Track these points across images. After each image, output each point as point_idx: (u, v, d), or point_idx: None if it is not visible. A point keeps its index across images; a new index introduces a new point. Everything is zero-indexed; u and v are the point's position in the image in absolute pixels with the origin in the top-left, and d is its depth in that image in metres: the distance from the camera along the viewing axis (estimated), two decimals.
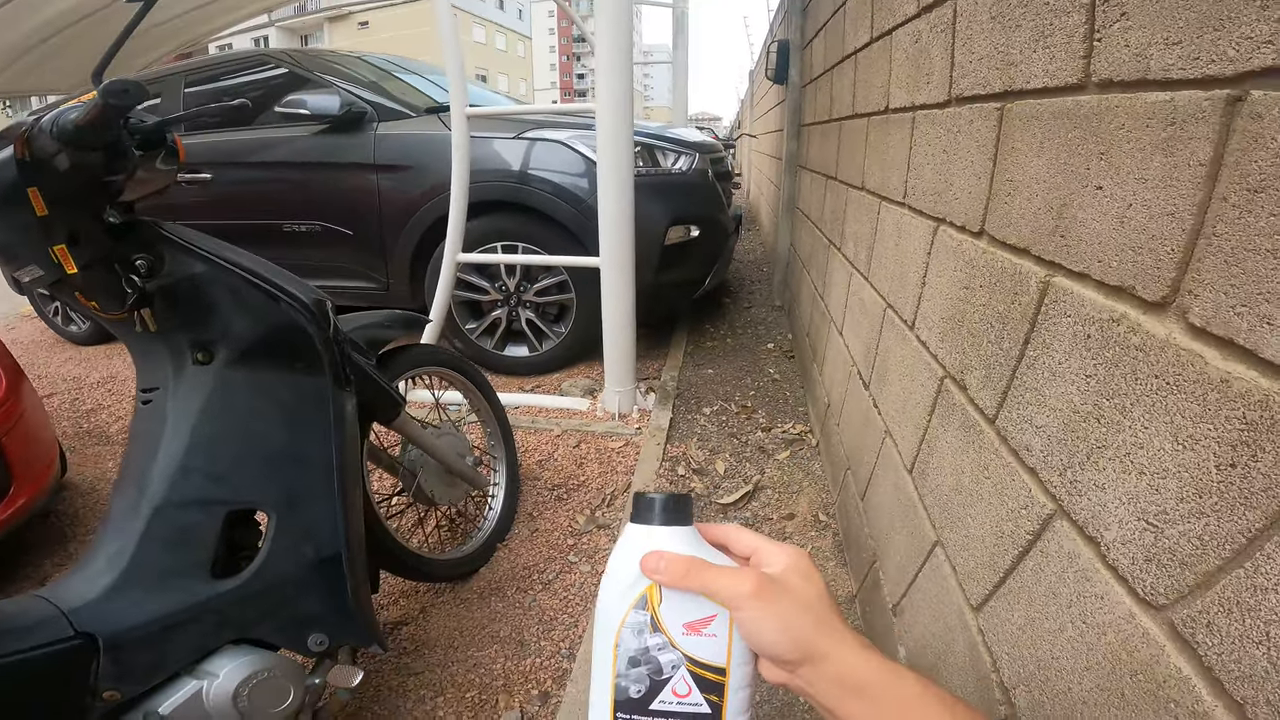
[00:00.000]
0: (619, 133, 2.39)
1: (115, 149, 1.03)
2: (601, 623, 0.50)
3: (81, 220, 1.02)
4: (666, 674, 0.48)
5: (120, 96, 0.92)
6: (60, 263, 0.99)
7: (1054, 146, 0.82)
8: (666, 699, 0.48)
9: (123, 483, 1.17)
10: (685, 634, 0.48)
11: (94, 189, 1.03)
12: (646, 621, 0.49)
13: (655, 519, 0.51)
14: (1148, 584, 0.60)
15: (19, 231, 1.00)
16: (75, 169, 0.99)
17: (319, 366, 1.25)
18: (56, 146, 0.96)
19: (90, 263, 1.02)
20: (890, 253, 1.58)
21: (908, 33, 1.48)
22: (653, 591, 0.49)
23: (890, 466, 1.46)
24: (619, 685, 0.49)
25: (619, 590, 0.50)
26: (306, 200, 3.41)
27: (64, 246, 0.99)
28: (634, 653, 0.48)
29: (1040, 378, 0.82)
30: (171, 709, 1.04)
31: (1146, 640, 0.59)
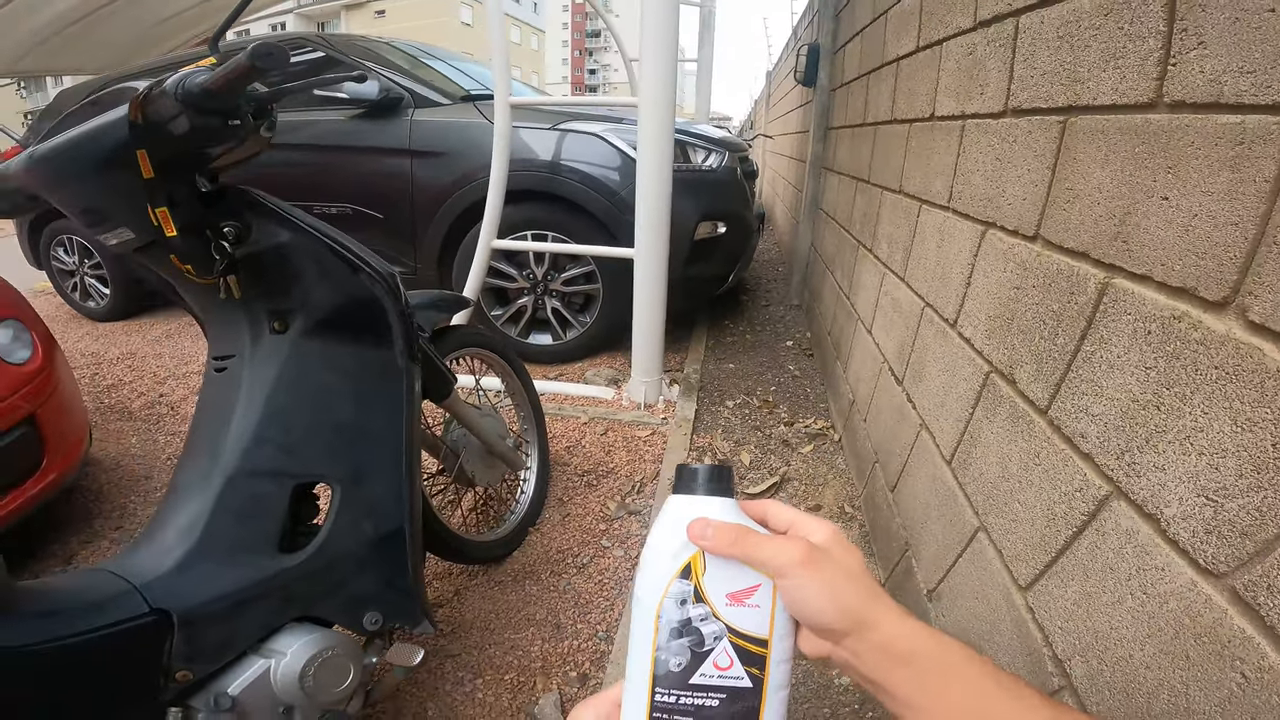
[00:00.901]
0: (661, 128, 2.44)
1: (232, 114, 1.03)
2: (643, 593, 0.49)
3: (179, 185, 1.03)
4: (708, 646, 0.47)
5: (266, 59, 0.91)
6: (160, 225, 1.00)
7: (1119, 159, 0.88)
8: (707, 672, 0.47)
9: (192, 451, 1.16)
10: (729, 604, 0.48)
11: (195, 155, 1.04)
12: (689, 591, 0.48)
13: (699, 489, 0.51)
14: (1208, 554, 0.66)
15: (118, 194, 1.01)
16: (191, 133, 0.99)
17: (388, 340, 1.26)
18: (178, 109, 0.96)
19: (183, 228, 1.03)
20: (931, 254, 1.64)
21: (960, 45, 1.53)
22: (696, 561, 0.48)
23: (926, 458, 1.53)
24: (659, 659, 0.47)
25: (662, 560, 0.49)
26: (339, 183, 3.46)
27: (166, 209, 1.00)
28: (676, 624, 0.48)
29: (1097, 370, 0.89)
30: (240, 689, 1.02)
31: (1209, 606, 0.66)
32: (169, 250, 1.05)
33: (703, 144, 3.29)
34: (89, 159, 1.00)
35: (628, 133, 3.07)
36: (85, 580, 0.99)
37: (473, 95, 3.54)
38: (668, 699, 0.47)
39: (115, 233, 1.05)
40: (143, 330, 4.30)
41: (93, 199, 1.04)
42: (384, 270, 1.27)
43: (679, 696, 0.47)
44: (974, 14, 1.45)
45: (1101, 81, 0.94)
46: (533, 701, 1.51)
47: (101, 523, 2.21)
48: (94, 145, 0.99)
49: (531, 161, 3.13)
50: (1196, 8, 0.76)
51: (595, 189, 3.09)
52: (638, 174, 2.54)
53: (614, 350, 3.51)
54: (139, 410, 3.06)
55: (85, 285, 4.49)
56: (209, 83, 0.94)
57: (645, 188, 2.54)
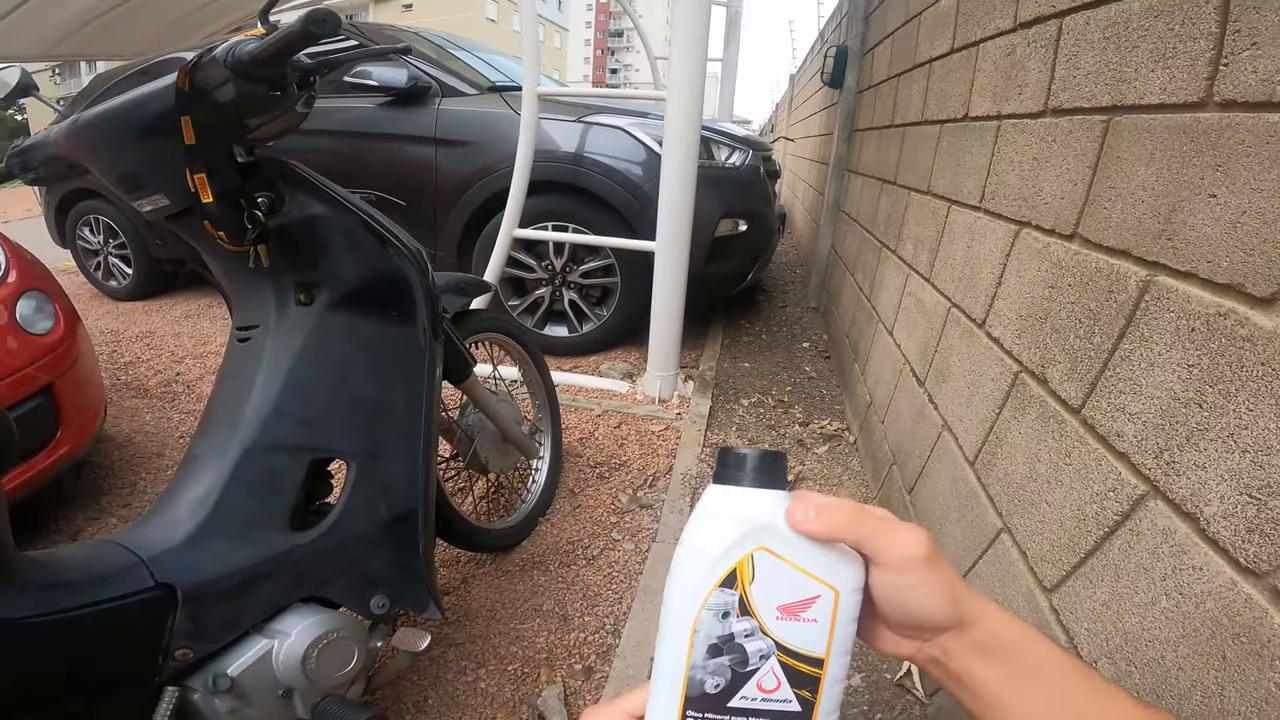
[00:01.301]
0: (688, 122, 2.44)
1: (276, 84, 1.03)
2: (676, 603, 0.42)
3: (218, 153, 1.04)
4: (752, 665, 0.41)
5: (320, 25, 0.91)
6: (197, 191, 1.01)
7: (1165, 157, 0.87)
8: (749, 694, 0.41)
9: (210, 421, 1.15)
10: (780, 618, 0.41)
11: (235, 124, 1.05)
12: (734, 602, 0.41)
13: (746, 479, 0.42)
14: (1250, 553, 0.65)
15: (158, 159, 1.02)
16: (236, 100, 0.99)
17: (412, 317, 1.25)
18: (225, 76, 0.97)
19: (218, 195, 1.03)
20: (960, 255, 1.63)
21: (999, 45, 1.52)
22: (744, 567, 0.41)
23: (948, 459, 1.51)
24: (693, 678, 0.41)
25: (701, 564, 0.41)
26: (364, 168, 3.47)
27: (204, 176, 1.00)
28: (716, 639, 0.41)
29: (1136, 369, 0.88)
30: (240, 670, 1.00)
31: (1249, 605, 0.64)
32: (203, 216, 1.05)
33: (727, 141, 3.29)
34: (133, 125, 1.01)
35: (652, 127, 3.07)
36: (92, 552, 0.97)
37: (499, 86, 3.55)
38: None
39: (150, 199, 1.06)
40: (162, 310, 4.33)
41: (132, 164, 1.05)
42: (412, 247, 1.26)
43: None
44: (1014, 16, 1.44)
45: (1149, 81, 0.93)
46: (536, 693, 1.49)
47: (110, 499, 2.20)
48: (139, 111, 1.01)
49: (555, 153, 3.13)
50: (1250, 10, 0.75)
51: (618, 182, 3.09)
52: (662, 167, 2.54)
53: (629, 345, 3.50)
54: (155, 388, 3.08)
55: (109, 264, 4.55)
56: (259, 49, 0.95)
57: (669, 182, 2.53)
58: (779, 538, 0.41)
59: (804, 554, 0.41)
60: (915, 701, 1.43)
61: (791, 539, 0.41)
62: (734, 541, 0.41)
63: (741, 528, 0.41)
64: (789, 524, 0.40)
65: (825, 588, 0.41)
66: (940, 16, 2.06)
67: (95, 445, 2.20)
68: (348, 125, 3.47)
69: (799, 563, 0.41)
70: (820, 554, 0.41)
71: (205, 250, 1.18)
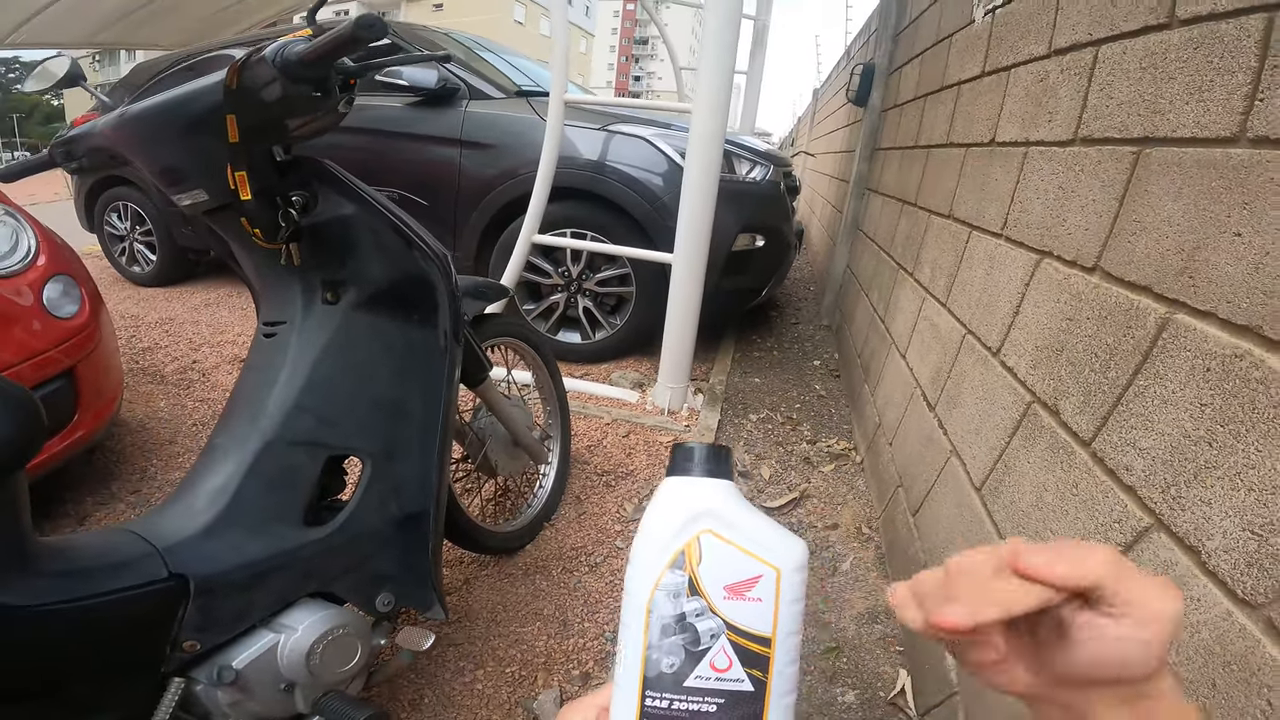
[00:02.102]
0: (711, 136, 2.45)
1: (321, 86, 1.06)
2: (633, 585, 0.44)
3: (258, 152, 1.06)
4: (704, 644, 0.42)
5: (369, 30, 0.93)
6: (237, 188, 1.03)
7: (1193, 193, 0.88)
8: (704, 674, 0.42)
9: (232, 413, 1.16)
10: (727, 597, 0.43)
11: (277, 124, 1.07)
12: (684, 583, 0.43)
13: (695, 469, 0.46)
14: (1248, 585, 0.67)
15: (200, 155, 1.04)
16: (281, 100, 1.02)
17: (434, 319, 1.26)
18: (273, 75, 0.99)
19: (256, 193, 1.05)
20: (978, 281, 1.63)
21: (1031, 71, 1.52)
22: (691, 548, 0.43)
23: (954, 485, 1.51)
24: (650, 658, 0.42)
25: (653, 547, 0.44)
26: (388, 167, 3.50)
27: (245, 174, 1.02)
28: (668, 620, 0.42)
29: (1149, 405, 0.88)
30: (245, 663, 1.00)
31: (1243, 635, 0.66)
32: (241, 213, 1.07)
33: (749, 156, 3.30)
34: (179, 120, 1.04)
35: (675, 138, 3.08)
36: (108, 540, 0.98)
37: (525, 91, 3.57)
38: (659, 704, 0.42)
39: (190, 193, 1.08)
40: (182, 298, 4.37)
41: (176, 159, 1.07)
42: (438, 250, 1.28)
43: (671, 701, 0.42)
44: (1049, 42, 1.45)
45: (1183, 114, 0.94)
46: (532, 696, 1.50)
47: (119, 485, 2.20)
48: (186, 107, 1.03)
49: (577, 160, 3.15)
50: None
51: (638, 192, 3.10)
52: (684, 180, 2.55)
53: (640, 355, 3.51)
54: (171, 375, 3.10)
55: (134, 250, 4.62)
56: (307, 51, 0.97)
57: (690, 194, 2.54)
58: (723, 521, 0.44)
59: (746, 536, 0.44)
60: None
61: (735, 522, 0.44)
62: (682, 525, 0.44)
63: (689, 512, 0.44)
64: (1028, 571, 0.37)
65: (767, 567, 0.43)
66: (972, 39, 2.07)
67: (110, 430, 2.21)
68: (375, 123, 3.49)
69: (741, 544, 0.44)
70: (762, 535, 0.44)
71: (237, 245, 1.20)
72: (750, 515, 0.45)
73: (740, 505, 0.45)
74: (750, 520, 0.45)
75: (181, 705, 0.95)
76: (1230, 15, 0.86)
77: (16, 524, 0.82)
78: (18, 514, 0.82)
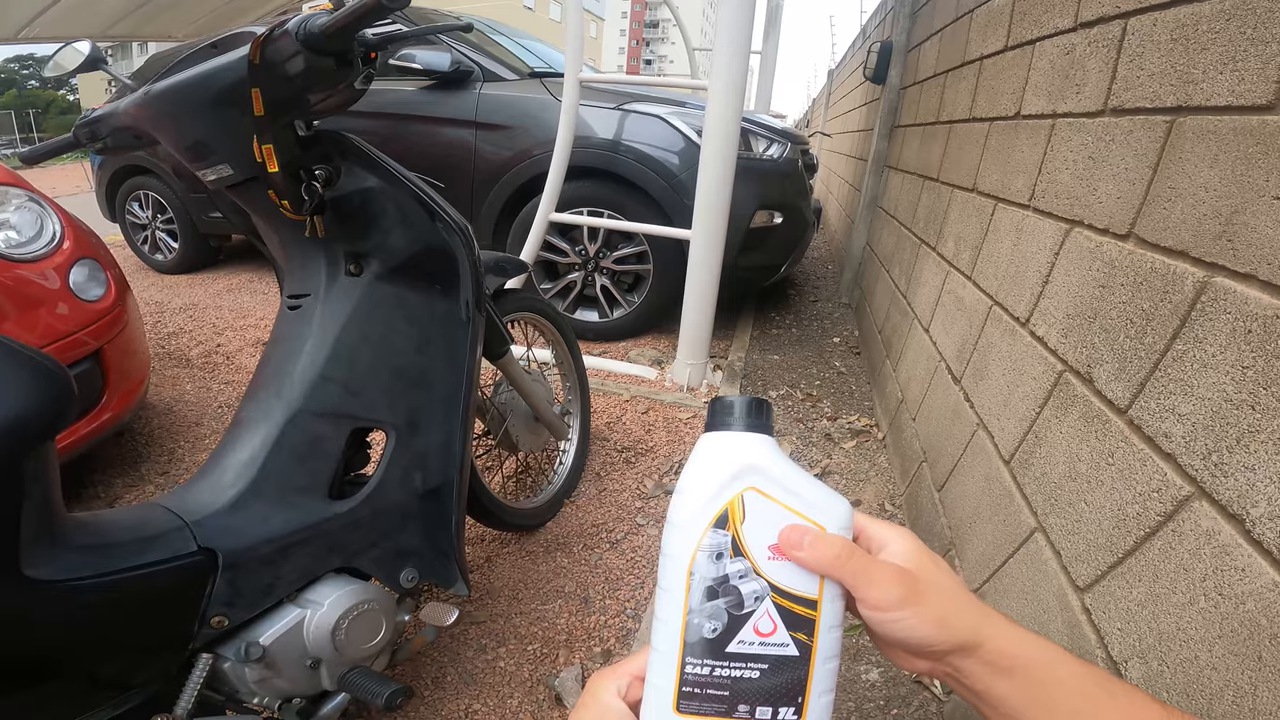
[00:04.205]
0: (728, 112, 2.43)
1: (343, 59, 1.05)
2: (672, 546, 0.42)
3: (282, 126, 1.06)
4: (748, 608, 0.40)
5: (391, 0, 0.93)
6: (264, 161, 1.03)
7: (1230, 159, 0.87)
8: (747, 639, 0.40)
9: (258, 387, 1.16)
10: (772, 558, 0.41)
11: (300, 98, 1.07)
12: (727, 543, 0.41)
13: (735, 423, 0.43)
14: None
15: (226, 130, 1.05)
16: (304, 73, 1.02)
17: (456, 290, 1.27)
18: (296, 49, 0.99)
19: (281, 166, 1.05)
20: (1005, 253, 1.62)
21: (1057, 45, 1.51)
22: (735, 506, 0.41)
23: (981, 458, 1.50)
24: (690, 623, 0.40)
25: (694, 505, 0.42)
26: (404, 150, 3.49)
27: (270, 146, 1.03)
28: (711, 581, 0.41)
29: (1188, 370, 0.87)
30: (272, 639, 1.00)
31: None
32: (268, 185, 1.08)
33: (765, 133, 3.28)
34: (204, 96, 1.05)
35: (690, 116, 3.07)
36: (137, 515, 0.98)
37: (539, 72, 3.57)
38: (700, 670, 0.40)
39: (215, 168, 1.09)
40: (205, 284, 4.43)
41: (201, 134, 1.08)
42: (459, 222, 1.28)
43: (713, 668, 0.40)
44: (1075, 15, 1.43)
45: (1217, 83, 0.93)
46: (554, 673, 1.50)
47: (148, 466, 2.23)
48: (211, 83, 1.04)
49: (593, 139, 3.15)
50: None
51: (655, 170, 3.09)
52: (701, 157, 2.54)
53: (658, 332, 3.52)
54: (196, 358, 3.14)
55: (155, 238, 4.68)
56: (330, 22, 0.97)
57: (707, 171, 2.53)
58: (767, 477, 0.42)
59: (792, 493, 0.42)
60: (933, 698, 1.43)
61: (779, 478, 0.43)
62: (725, 482, 0.42)
63: (731, 468, 0.42)
64: (781, 543, 0.41)
65: (813, 526, 0.42)
66: (994, 14, 2.04)
67: (137, 412, 2.23)
68: (390, 107, 3.50)
69: (787, 502, 0.42)
70: (808, 492, 0.43)
71: (262, 219, 1.20)
72: (794, 472, 0.43)
73: (783, 461, 0.43)
74: (795, 476, 0.43)
75: (208, 683, 0.95)
76: None
77: (46, 497, 0.82)
78: (48, 487, 0.82)
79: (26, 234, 1.88)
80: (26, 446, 0.77)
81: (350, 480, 1.21)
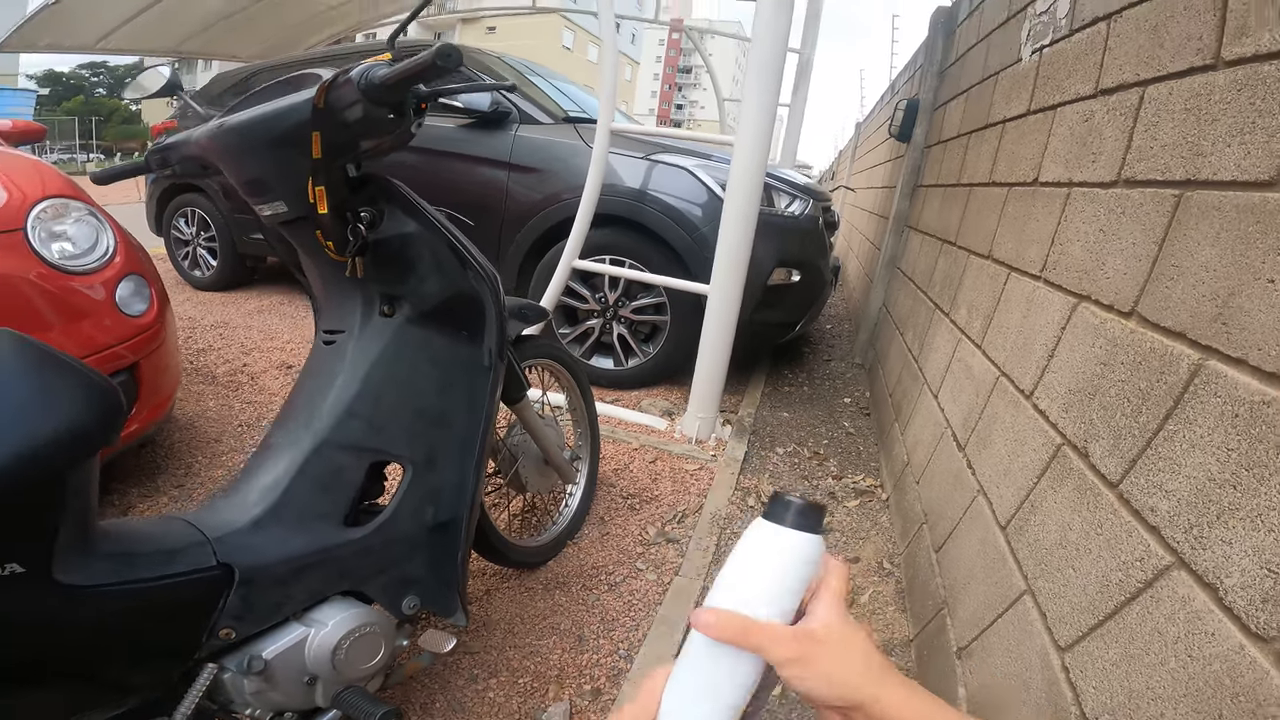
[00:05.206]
0: (753, 170, 2.49)
1: (398, 109, 1.10)
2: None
3: (335, 169, 1.12)
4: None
5: (447, 60, 0.97)
6: (316, 202, 1.08)
7: (1230, 238, 0.90)
8: None
9: (289, 416, 1.22)
10: None
11: (354, 142, 1.12)
12: None
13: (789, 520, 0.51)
14: (1261, 620, 0.69)
15: (285, 169, 1.11)
16: (361, 120, 1.06)
17: (480, 337, 1.31)
18: (356, 97, 1.04)
19: (331, 208, 1.10)
20: (1014, 324, 1.64)
21: (1077, 111, 1.54)
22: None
23: (979, 523, 1.52)
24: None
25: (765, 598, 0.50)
26: (437, 186, 3.57)
27: (324, 189, 1.08)
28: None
29: (1177, 449, 0.90)
30: (274, 654, 1.04)
31: (1253, 667, 0.68)
32: (316, 226, 1.13)
33: (788, 189, 3.32)
34: (270, 135, 1.11)
35: (716, 169, 3.13)
36: (161, 527, 1.02)
37: (572, 117, 3.66)
38: None
39: (271, 204, 1.15)
40: (238, 303, 4.54)
41: (262, 171, 1.14)
42: (490, 271, 1.33)
43: None
44: (1096, 81, 1.46)
45: (1224, 156, 0.95)
46: (542, 708, 1.51)
47: (165, 479, 2.25)
48: (277, 123, 1.10)
49: (619, 187, 3.20)
50: None
51: (677, 222, 3.14)
52: (724, 212, 2.59)
53: (670, 383, 3.54)
54: (222, 376, 3.19)
55: (196, 255, 4.83)
56: (390, 75, 1.01)
57: (729, 227, 2.58)
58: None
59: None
60: None
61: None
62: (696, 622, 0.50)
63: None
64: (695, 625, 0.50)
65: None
66: (1019, 76, 2.08)
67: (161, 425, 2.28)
68: (429, 142, 3.59)
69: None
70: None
71: (306, 255, 1.26)
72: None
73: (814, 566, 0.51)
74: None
75: (206, 692, 0.98)
76: (1273, 57, 0.88)
77: (85, 508, 0.85)
78: (87, 498, 0.86)
79: (82, 246, 1.93)
80: (75, 461, 0.80)
81: (364, 509, 1.25)
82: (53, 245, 1.86)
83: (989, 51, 2.59)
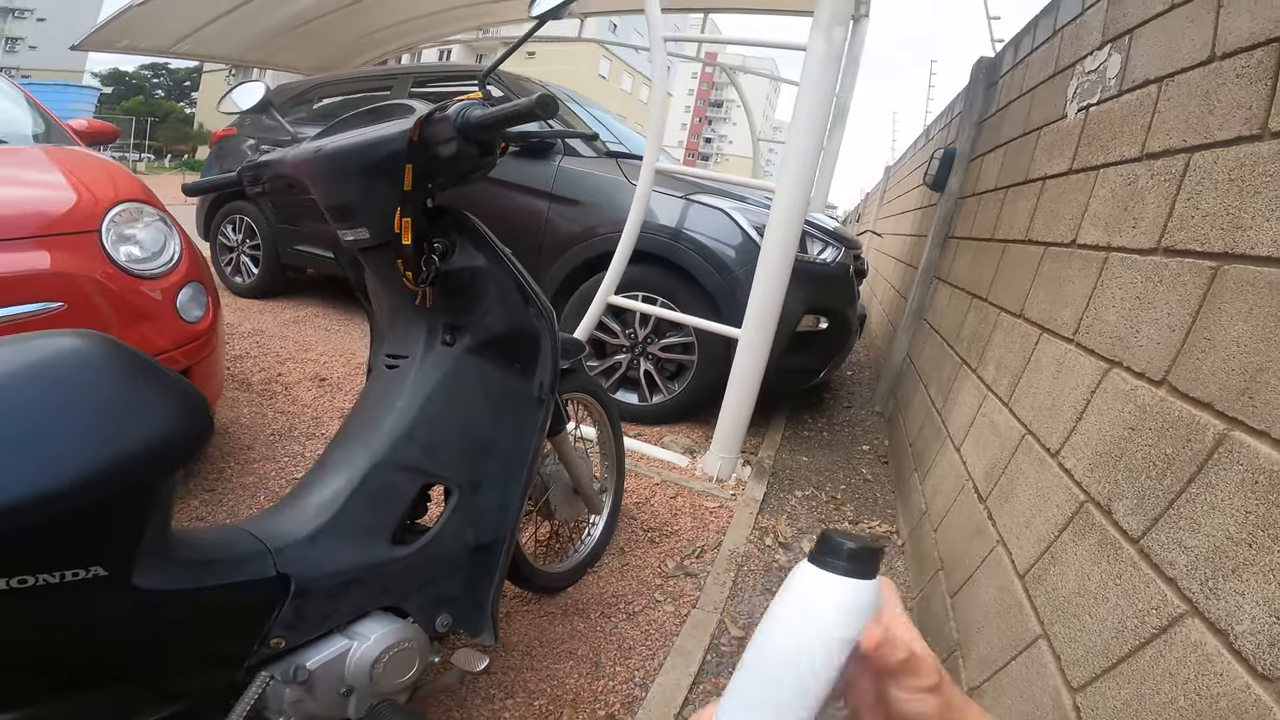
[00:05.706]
0: (792, 216, 2.54)
1: (486, 148, 1.14)
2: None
3: (419, 201, 1.17)
4: None
5: (544, 109, 1.01)
6: (401, 232, 1.12)
7: (1262, 315, 0.95)
8: None
9: (349, 435, 1.26)
10: None
11: (437, 176, 1.16)
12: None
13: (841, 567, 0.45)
14: (1268, 662, 0.75)
15: (374, 198, 1.15)
16: (453, 158, 1.11)
17: (533, 371, 1.36)
18: (451, 134, 1.08)
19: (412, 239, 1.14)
20: (1044, 384, 1.68)
21: (1121, 174, 1.55)
22: None
23: (998, 571, 1.56)
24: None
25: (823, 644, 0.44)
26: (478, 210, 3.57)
27: (409, 220, 1.11)
28: None
29: (1198, 510, 0.95)
30: (318, 665, 1.06)
31: (1257, 704, 0.75)
32: (398, 255, 1.17)
33: (821, 236, 3.35)
34: (363, 163, 1.15)
35: (751, 212, 3.17)
36: (226, 536, 1.05)
37: (614, 153, 3.72)
38: None
39: (355, 230, 1.19)
40: (275, 312, 4.60)
41: (352, 197, 1.19)
42: (548, 309, 1.37)
43: None
44: (1143, 145, 1.47)
45: (1263, 230, 0.99)
46: None
47: (195, 482, 2.28)
48: (371, 152, 1.14)
49: (654, 225, 3.22)
50: None
51: (711, 262, 3.17)
52: (760, 257, 2.63)
53: (692, 422, 3.55)
54: (257, 384, 3.24)
55: (240, 262, 4.92)
56: (486, 117, 1.07)
57: (765, 272, 2.62)
58: None
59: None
60: None
61: None
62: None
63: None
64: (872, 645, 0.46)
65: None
66: (1063, 134, 2.08)
67: None
68: None
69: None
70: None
71: (378, 282, 1.31)
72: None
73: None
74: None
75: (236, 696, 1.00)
76: None
77: (167, 512, 0.88)
78: (170, 503, 0.90)
79: (150, 250, 2.00)
80: (168, 470, 0.83)
81: (410, 528, 1.28)
82: (122, 248, 1.93)
83: (1033, 105, 2.60)
